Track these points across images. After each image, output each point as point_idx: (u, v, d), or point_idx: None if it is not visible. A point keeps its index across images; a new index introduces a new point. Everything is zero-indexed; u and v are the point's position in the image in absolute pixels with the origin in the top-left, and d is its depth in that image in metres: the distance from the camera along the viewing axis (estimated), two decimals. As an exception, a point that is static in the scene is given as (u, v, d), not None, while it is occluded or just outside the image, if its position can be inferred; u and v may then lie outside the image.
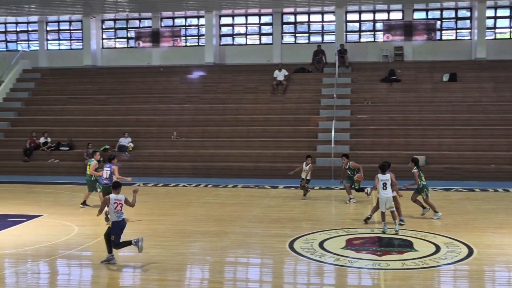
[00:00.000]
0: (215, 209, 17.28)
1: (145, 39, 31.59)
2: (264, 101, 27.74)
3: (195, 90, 29.01)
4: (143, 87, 29.31)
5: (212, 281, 10.96)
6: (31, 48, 32.95)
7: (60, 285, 10.90)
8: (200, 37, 31.69)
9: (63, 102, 29.08)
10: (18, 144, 26.40)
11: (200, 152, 25.06)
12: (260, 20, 31.57)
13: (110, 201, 11.58)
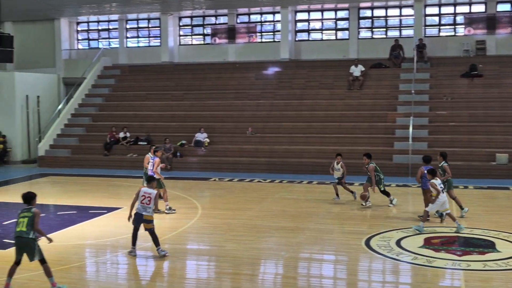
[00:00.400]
0: (290, 205, 17.23)
1: (221, 36, 31.87)
2: (340, 97, 27.44)
3: (270, 86, 29.03)
4: (219, 83, 29.58)
5: (286, 276, 10.92)
6: (112, 46, 33.87)
7: (137, 276, 11.12)
8: (276, 33, 31.65)
9: (142, 98, 29.75)
10: (99, 139, 27.22)
11: (275, 148, 25.05)
12: (336, 15, 31.20)
13: (140, 192, 11.69)
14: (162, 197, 15.84)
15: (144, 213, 11.63)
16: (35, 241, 9.54)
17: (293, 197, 18.88)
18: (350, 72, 27.79)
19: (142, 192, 11.69)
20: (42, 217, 14.91)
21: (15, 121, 28.23)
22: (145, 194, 11.65)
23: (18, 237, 9.51)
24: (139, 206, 11.65)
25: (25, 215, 9.53)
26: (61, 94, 31.76)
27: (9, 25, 32.51)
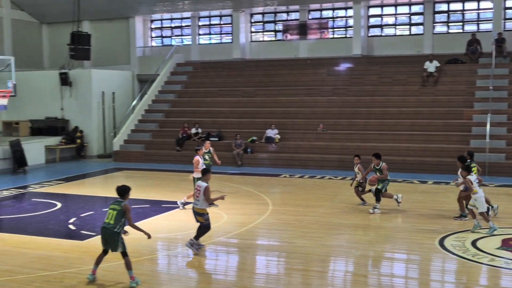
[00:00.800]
0: (361, 202, 16.95)
1: (292, 32, 31.74)
2: (413, 94, 26.79)
3: (342, 82, 28.68)
4: (290, 80, 29.48)
5: (357, 274, 10.75)
6: (184, 43, 34.33)
7: (207, 270, 11.21)
8: (348, 28, 31.25)
9: (213, 94, 30.03)
10: (171, 134, 27.66)
11: (346, 145, 24.73)
12: (411, 10, 30.49)
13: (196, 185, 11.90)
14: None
15: (195, 206, 11.77)
16: (119, 234, 9.86)
17: (365, 195, 18.54)
18: (425, 68, 27.09)
19: (196, 185, 11.93)
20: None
21: (92, 117, 29.06)
22: (197, 187, 11.82)
23: (105, 228, 9.89)
24: (194, 200, 11.87)
25: (115, 208, 9.94)
26: (135, 90, 32.48)
27: (87, 24, 33.50)
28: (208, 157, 18.36)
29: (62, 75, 29.04)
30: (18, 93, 20.06)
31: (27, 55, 33.48)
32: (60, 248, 12.31)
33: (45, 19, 35.23)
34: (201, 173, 12.46)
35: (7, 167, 23.80)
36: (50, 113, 29.59)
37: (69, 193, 19.03)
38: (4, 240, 13.10)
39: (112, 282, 10.04)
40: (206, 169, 12.53)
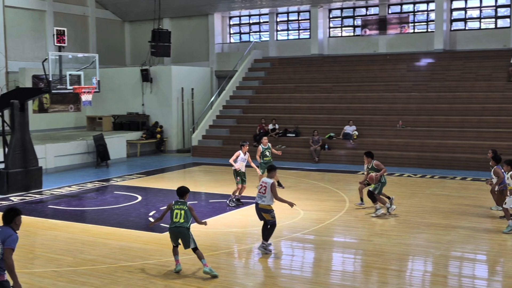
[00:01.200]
0: (442, 201, 16.51)
1: (371, 27, 31.26)
2: (498, 89, 25.82)
3: (422, 78, 28.00)
4: (369, 75, 29.06)
5: (436, 274, 10.46)
6: (262, 39, 34.47)
7: (283, 265, 11.21)
8: (429, 23, 30.46)
9: (291, 90, 30.01)
10: (249, 130, 27.85)
11: (426, 142, 24.14)
12: (497, 2, 29.38)
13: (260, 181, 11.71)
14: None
15: (259, 202, 11.56)
16: (189, 230, 10.19)
17: (445, 193, 18.07)
18: (511, 63, 26.05)
19: (261, 181, 11.76)
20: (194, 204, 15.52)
21: (171, 112, 29.66)
22: (262, 183, 11.66)
23: (176, 227, 10.23)
24: (257, 196, 11.69)
25: (181, 208, 10.31)
26: (213, 86, 32.91)
27: (167, 22, 34.22)
28: (268, 153, 18.48)
29: (143, 72, 29.80)
30: (101, 89, 20.69)
31: (110, 53, 34.58)
32: (140, 240, 12.64)
33: (127, 17, 36.25)
34: (267, 170, 12.23)
35: (91, 160, 24.67)
36: (131, 108, 30.45)
37: (149, 187, 19.50)
38: (88, 230, 13.58)
39: (189, 275, 10.20)
40: (273, 166, 12.34)
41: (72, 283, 9.85)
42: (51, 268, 10.74)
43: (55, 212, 15.79)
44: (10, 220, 7.51)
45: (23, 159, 18.74)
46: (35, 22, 31.13)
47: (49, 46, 30.27)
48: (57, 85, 18.82)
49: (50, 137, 25.80)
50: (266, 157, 18.37)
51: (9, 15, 29.55)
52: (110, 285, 9.76)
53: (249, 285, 9.93)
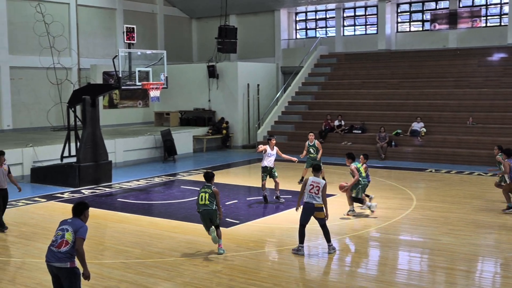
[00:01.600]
0: (514, 201, 15.95)
1: (441, 21, 30.51)
2: None
3: (494, 74, 27.13)
4: (437, 71, 28.39)
5: (507, 276, 10.13)
6: (328, 35, 34.22)
7: (349, 263, 11.11)
8: (503, 16, 29.48)
9: (357, 86, 29.68)
10: (314, 126, 27.69)
11: (498, 140, 23.30)
12: None
13: (308, 181, 11.26)
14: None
15: (315, 202, 11.18)
16: (216, 211, 11.12)
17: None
18: None
19: (310, 181, 11.30)
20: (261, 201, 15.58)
21: (237, 108, 29.86)
22: (313, 183, 11.25)
23: (205, 209, 11.11)
24: (307, 196, 11.26)
25: (206, 191, 11.21)
26: (279, 82, 32.93)
27: (234, 18, 34.46)
28: (313, 150, 18.39)
29: (209, 68, 30.12)
30: (169, 85, 21.05)
31: (178, 49, 35.13)
32: (206, 234, 12.76)
33: (195, 14, 36.71)
34: (314, 169, 11.73)
35: (158, 155, 25.15)
36: (198, 104, 30.85)
37: (215, 182, 19.66)
38: (156, 224, 13.85)
39: (253, 270, 10.25)
40: (319, 165, 12.02)
41: (140, 274, 10.07)
42: (120, 260, 11.02)
43: (123, 205, 16.20)
44: (80, 212, 7.83)
45: (94, 153, 19.29)
46: (106, 20, 31.97)
47: (119, 44, 31.04)
48: (127, 81, 19.26)
49: (119, 132, 26.45)
50: (310, 154, 18.49)
51: (82, 14, 30.47)
52: (176, 277, 9.93)
53: (313, 281, 9.89)
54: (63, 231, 7.65)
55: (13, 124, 27.48)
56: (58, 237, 7.62)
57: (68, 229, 7.62)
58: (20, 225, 13.90)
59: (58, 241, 7.60)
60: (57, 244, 7.58)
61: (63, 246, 7.55)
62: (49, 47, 28.05)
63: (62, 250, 7.54)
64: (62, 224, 7.77)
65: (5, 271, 10.51)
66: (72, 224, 7.69)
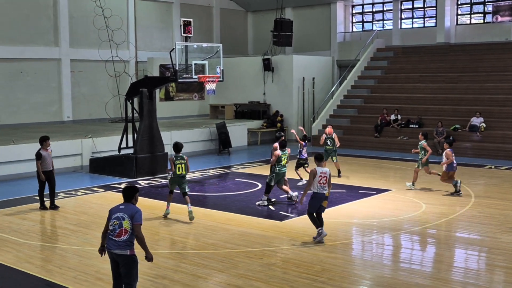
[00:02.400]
0: None
1: (503, 13, 29.61)
2: None
3: (560, 67, 26.24)
4: (499, 65, 27.60)
5: None
6: (385, 28, 33.74)
7: (403, 259, 10.97)
8: None
9: (414, 80, 29.18)
10: (370, 120, 27.43)
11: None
12: None
13: (316, 173, 11.36)
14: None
15: (325, 192, 11.44)
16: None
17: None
18: None
19: (318, 172, 11.41)
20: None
21: (292, 101, 29.80)
22: (321, 174, 11.41)
23: (180, 177, 13.46)
24: (318, 187, 11.41)
25: (181, 162, 13.41)
26: (334, 76, 32.69)
27: (289, 11, 34.37)
28: (330, 142, 18.49)
29: (265, 61, 30.14)
30: (224, 78, 21.20)
31: (233, 42, 35.29)
32: (260, 226, 12.84)
33: (250, 7, 36.78)
34: (317, 158, 11.74)
35: (213, 147, 25.37)
36: (253, 97, 30.94)
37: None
38: (210, 215, 13.99)
39: (307, 264, 10.24)
40: (321, 154, 12.00)
41: (194, 265, 10.20)
42: (175, 250, 11.19)
43: (179, 196, 16.39)
44: (132, 197, 8.00)
45: (151, 145, 19.62)
46: (163, 14, 32.39)
47: (175, 37, 31.44)
48: (183, 74, 19.48)
49: (175, 125, 26.79)
50: (327, 146, 18.87)
51: (140, 8, 30.97)
52: (230, 269, 10.01)
53: (367, 277, 9.81)
54: (119, 219, 7.78)
55: (73, 115, 28.23)
56: (116, 227, 7.77)
57: (124, 217, 7.76)
58: (79, 214, 14.28)
59: (117, 230, 7.75)
60: (116, 234, 7.74)
61: (122, 235, 7.72)
62: (108, 40, 28.63)
63: (122, 239, 7.72)
64: (115, 212, 7.88)
65: (65, 258, 10.82)
66: (126, 210, 7.83)
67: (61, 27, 27.64)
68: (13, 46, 26.07)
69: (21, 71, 26.46)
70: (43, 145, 14.65)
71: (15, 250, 11.17)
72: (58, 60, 27.65)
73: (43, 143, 14.66)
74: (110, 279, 8.15)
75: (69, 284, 9.34)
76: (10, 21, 26.00)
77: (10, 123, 25.76)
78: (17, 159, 19.16)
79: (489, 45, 29.21)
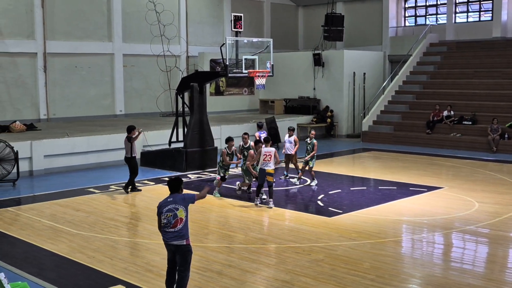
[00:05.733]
0: None
1: None
2: None
3: None
4: (558, 60, 26.76)
5: None
6: (439, 22, 33.06)
7: (454, 258, 10.76)
8: None
9: (468, 75, 28.52)
10: (422, 117, 26.97)
11: None
12: None
13: (261, 152, 14.15)
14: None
15: (267, 168, 14.02)
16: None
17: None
18: None
19: (263, 151, 14.18)
20: (363, 190, 15.41)
21: (342, 97, 29.56)
22: (266, 153, 14.13)
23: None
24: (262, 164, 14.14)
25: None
26: (386, 71, 32.25)
27: (340, 6, 34.07)
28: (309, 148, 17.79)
29: (315, 56, 29.98)
30: (274, 73, 21.17)
31: (284, 37, 35.22)
32: (308, 222, 12.80)
33: (301, 2, 36.62)
34: (265, 141, 14.53)
35: (262, 142, 25.36)
36: (303, 92, 30.82)
37: (318, 170, 19.61)
38: (259, 210, 13.99)
39: (355, 260, 10.16)
40: (268, 138, 14.87)
41: (243, 259, 10.24)
42: (224, 244, 11.26)
43: (227, 190, 16.48)
44: (178, 188, 8.34)
45: (201, 139, 19.78)
46: (214, 9, 32.56)
47: (226, 32, 31.58)
48: (233, 69, 19.54)
49: (225, 119, 26.93)
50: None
51: (191, 3, 31.22)
52: (278, 264, 10.01)
53: (417, 276, 9.66)
54: (172, 211, 8.05)
55: (125, 109, 28.69)
56: (171, 219, 8.04)
57: (177, 207, 8.06)
58: (130, 206, 14.53)
59: (172, 221, 8.04)
60: (172, 225, 8.04)
61: (178, 224, 8.04)
62: (160, 35, 28.95)
63: (178, 228, 8.04)
64: (165, 206, 8.13)
65: (116, 249, 11.02)
66: (176, 200, 8.14)
67: (114, 23, 28.11)
68: (68, 41, 26.65)
69: (76, 66, 27.04)
70: (130, 133, 16.13)
71: (68, 241, 11.45)
72: (111, 54, 28.14)
73: (131, 131, 16.17)
74: (160, 270, 8.29)
75: (119, 275, 9.51)
76: (66, 17, 26.58)
77: (64, 116, 26.38)
78: (71, 151, 19.62)
79: (547, 40, 28.31)
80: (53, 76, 26.18)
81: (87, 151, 19.69)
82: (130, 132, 16.08)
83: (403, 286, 9.15)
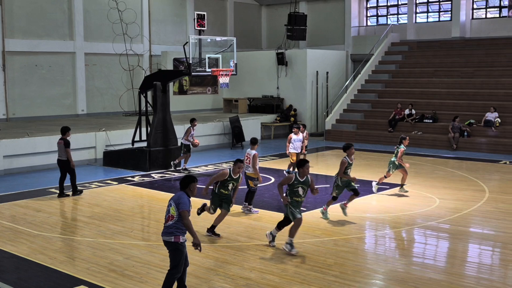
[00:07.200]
0: None
1: (520, 8, 29.39)
2: None
3: None
4: (515, 60, 27.38)
5: None
6: (400, 22, 33.51)
7: (416, 253, 10.92)
8: None
9: (429, 74, 28.99)
10: (384, 115, 27.30)
11: None
12: None
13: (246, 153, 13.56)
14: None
15: (246, 171, 13.33)
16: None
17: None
18: None
19: (245, 152, 13.63)
20: (328, 189, 15.42)
21: (306, 96, 29.73)
22: (247, 155, 13.50)
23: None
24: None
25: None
26: (348, 70, 32.55)
27: (303, 5, 34.24)
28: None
29: (278, 55, 30.08)
30: (238, 72, 21.19)
31: (247, 36, 35.25)
32: (273, 220, 12.81)
33: (264, 1, 36.70)
34: (251, 142, 13.82)
35: (226, 141, 25.38)
36: (266, 91, 30.90)
37: (283, 169, 19.71)
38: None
39: (319, 257, 10.21)
40: (255, 138, 13.97)
41: (207, 258, 10.22)
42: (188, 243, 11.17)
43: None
44: (186, 185, 8.34)
45: (164, 138, 19.66)
46: (177, 7, 32.39)
47: (189, 30, 31.45)
48: (197, 68, 19.49)
49: (188, 118, 26.75)
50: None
51: (154, 1, 31.00)
52: (242, 262, 10.01)
53: (380, 271, 9.77)
54: (168, 206, 8.22)
55: (87, 108, 28.34)
56: (166, 213, 8.22)
57: (172, 204, 8.17)
58: (93, 206, 14.35)
59: (166, 216, 8.20)
60: (165, 220, 8.18)
61: (169, 220, 8.13)
62: (122, 34, 28.70)
63: (168, 225, 8.12)
64: (169, 200, 8.33)
65: (79, 249, 10.88)
66: (175, 198, 8.22)
67: (76, 21, 27.72)
68: (28, 39, 26.21)
69: (36, 64, 26.60)
70: (65, 134, 15.37)
71: (29, 242, 11.25)
72: (73, 53, 27.76)
73: (65, 133, 15.40)
74: (123, 270, 8.21)
75: (82, 275, 9.39)
76: (25, 14, 26.13)
77: (25, 116, 25.93)
78: (32, 151, 19.30)
79: (505, 40, 28.94)
80: (12, 75, 25.71)
81: (48, 151, 19.35)
82: (65, 133, 15.43)
83: (366, 282, 9.25)
